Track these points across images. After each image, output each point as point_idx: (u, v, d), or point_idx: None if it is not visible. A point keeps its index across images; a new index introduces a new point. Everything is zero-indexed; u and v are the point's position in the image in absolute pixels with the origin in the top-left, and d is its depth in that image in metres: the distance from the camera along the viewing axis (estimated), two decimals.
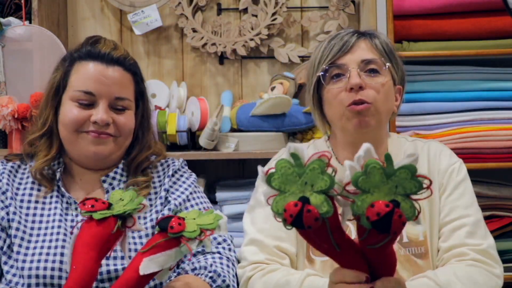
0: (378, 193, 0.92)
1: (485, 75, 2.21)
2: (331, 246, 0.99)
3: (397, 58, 1.46)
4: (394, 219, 0.91)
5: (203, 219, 1.14)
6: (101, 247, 1.12)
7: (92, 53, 1.43)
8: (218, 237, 1.44)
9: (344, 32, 1.45)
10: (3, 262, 1.36)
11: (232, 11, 2.48)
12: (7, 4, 2.24)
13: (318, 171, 0.94)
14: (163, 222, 1.13)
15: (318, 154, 0.95)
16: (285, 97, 2.20)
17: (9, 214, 1.38)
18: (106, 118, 1.39)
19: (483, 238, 1.38)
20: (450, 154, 1.49)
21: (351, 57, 1.40)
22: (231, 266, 1.39)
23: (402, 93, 1.50)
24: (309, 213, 0.92)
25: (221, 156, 2.20)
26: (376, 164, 0.93)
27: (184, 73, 2.51)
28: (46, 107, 1.45)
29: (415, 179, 0.93)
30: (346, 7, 2.41)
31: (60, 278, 1.33)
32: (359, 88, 1.37)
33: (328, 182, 0.93)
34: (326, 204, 0.93)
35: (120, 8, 2.45)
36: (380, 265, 1.03)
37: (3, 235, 1.37)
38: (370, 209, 0.91)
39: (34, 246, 1.36)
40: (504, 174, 2.30)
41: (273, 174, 0.95)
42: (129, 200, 1.15)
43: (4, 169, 1.44)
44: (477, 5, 2.17)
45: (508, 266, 2.17)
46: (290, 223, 0.93)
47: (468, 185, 1.45)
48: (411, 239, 1.38)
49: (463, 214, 1.39)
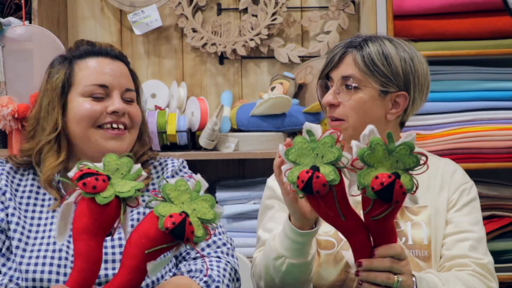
0: (381, 167, 1.07)
1: (485, 75, 2.21)
2: (337, 215, 1.11)
3: (386, 67, 1.44)
4: (396, 189, 1.05)
5: (202, 211, 1.08)
6: (103, 231, 1.08)
7: (94, 50, 1.46)
8: (217, 240, 1.43)
9: (342, 43, 1.50)
10: (1, 264, 1.35)
11: (232, 11, 2.48)
12: (7, 4, 2.25)
13: (329, 145, 1.09)
14: (179, 229, 1.04)
15: (330, 131, 1.11)
16: (285, 97, 2.20)
17: (8, 215, 1.38)
18: (123, 107, 1.41)
19: (484, 254, 1.44)
20: (463, 174, 1.55)
21: (336, 73, 1.48)
22: (229, 271, 1.37)
23: (408, 97, 1.48)
24: (318, 179, 1.07)
25: (221, 156, 2.20)
26: (379, 141, 1.06)
27: (184, 73, 2.51)
28: (53, 110, 1.42)
29: (413, 155, 1.07)
30: (346, 7, 2.41)
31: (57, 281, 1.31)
32: (331, 105, 1.47)
33: (336, 154, 1.08)
34: (334, 173, 1.08)
35: (120, 8, 2.45)
36: (382, 238, 1.15)
37: (3, 237, 1.37)
38: (375, 180, 1.05)
39: (31, 249, 1.35)
40: (504, 174, 2.30)
41: (290, 149, 1.11)
42: (127, 170, 1.09)
43: (3, 170, 1.43)
44: (477, 5, 2.17)
45: (508, 266, 2.18)
46: (302, 189, 1.08)
47: (477, 205, 1.51)
48: (415, 242, 1.42)
49: (468, 229, 1.45)
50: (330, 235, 1.44)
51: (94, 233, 1.06)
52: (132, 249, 1.06)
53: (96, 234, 1.06)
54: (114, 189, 1.06)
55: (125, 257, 1.07)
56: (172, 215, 1.03)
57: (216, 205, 1.09)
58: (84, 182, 1.05)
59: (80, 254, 1.06)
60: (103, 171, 1.08)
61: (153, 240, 1.04)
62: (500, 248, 2.18)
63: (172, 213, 1.04)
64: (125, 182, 1.08)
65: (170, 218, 1.03)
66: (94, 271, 1.07)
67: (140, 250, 1.05)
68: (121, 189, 1.06)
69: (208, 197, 1.09)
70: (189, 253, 1.41)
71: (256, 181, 2.26)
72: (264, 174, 1.67)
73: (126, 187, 1.07)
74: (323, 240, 1.44)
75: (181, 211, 1.05)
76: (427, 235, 1.42)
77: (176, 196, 1.06)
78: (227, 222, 2.21)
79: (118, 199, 1.07)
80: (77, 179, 1.06)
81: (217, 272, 1.34)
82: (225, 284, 1.34)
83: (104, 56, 1.45)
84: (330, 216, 1.13)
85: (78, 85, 1.42)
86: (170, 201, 1.05)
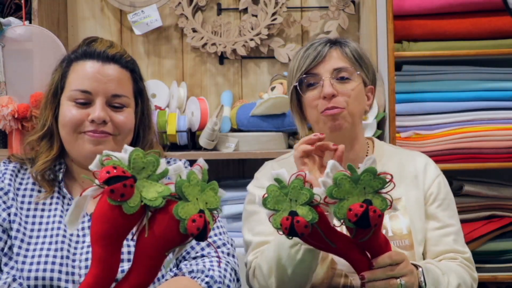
0: (352, 198, 1.13)
1: (485, 75, 2.21)
2: (327, 245, 1.18)
3: (366, 62, 1.57)
4: (371, 215, 1.11)
5: (210, 201, 1.07)
6: (124, 237, 1.05)
7: (88, 52, 1.43)
8: (217, 240, 1.43)
9: (318, 42, 1.56)
10: (4, 264, 1.36)
11: (232, 11, 2.48)
12: (7, 4, 2.25)
13: (298, 188, 1.15)
14: (203, 233, 1.03)
15: (295, 175, 1.17)
16: (285, 97, 2.19)
17: (10, 215, 1.38)
18: (103, 116, 1.38)
19: (464, 246, 1.56)
20: (435, 166, 1.62)
21: (324, 66, 1.52)
22: (229, 271, 1.37)
23: (374, 92, 1.61)
24: (299, 223, 1.13)
25: (221, 156, 2.20)
26: (343, 175, 1.13)
27: (184, 73, 2.51)
28: (45, 109, 1.45)
29: (378, 178, 1.13)
30: (346, 7, 2.41)
31: (59, 280, 1.32)
32: (332, 96, 1.50)
33: (308, 195, 1.14)
34: (311, 213, 1.14)
35: (120, 8, 2.45)
36: (375, 250, 1.22)
37: (4, 236, 1.37)
38: (349, 212, 1.12)
39: (34, 248, 1.36)
40: (504, 174, 2.31)
41: (266, 198, 1.17)
42: (153, 170, 1.04)
43: (6, 170, 1.44)
44: (477, 5, 2.17)
45: (508, 266, 2.18)
46: (288, 234, 1.15)
47: (451, 196, 1.60)
48: (395, 233, 1.49)
49: (449, 223, 1.55)
50: None
51: (115, 239, 1.03)
52: (150, 251, 1.05)
53: (116, 239, 1.04)
54: (140, 194, 1.02)
55: (141, 257, 1.06)
56: (194, 219, 1.02)
57: (219, 190, 1.10)
58: (112, 189, 1.00)
59: (98, 260, 1.03)
60: (128, 168, 1.02)
61: (174, 242, 1.05)
62: (500, 248, 2.18)
63: (194, 217, 1.03)
64: (150, 184, 1.04)
65: (193, 223, 1.02)
66: (110, 277, 1.04)
67: (160, 252, 1.06)
68: (146, 195, 1.02)
69: (213, 184, 1.09)
70: (189, 253, 1.41)
71: None
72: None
73: (152, 193, 1.03)
74: None
75: (198, 209, 1.04)
76: (406, 225, 1.50)
77: (190, 192, 1.04)
78: (227, 222, 2.20)
79: (143, 206, 1.03)
80: (103, 182, 1.00)
81: (218, 272, 1.34)
82: (226, 284, 1.34)
83: (96, 59, 1.42)
84: (322, 247, 1.22)
85: (67, 89, 1.42)
86: (185, 198, 1.04)
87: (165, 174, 1.05)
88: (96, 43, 1.45)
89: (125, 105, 1.43)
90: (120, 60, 1.44)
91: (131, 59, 1.48)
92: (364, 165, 1.14)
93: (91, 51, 1.43)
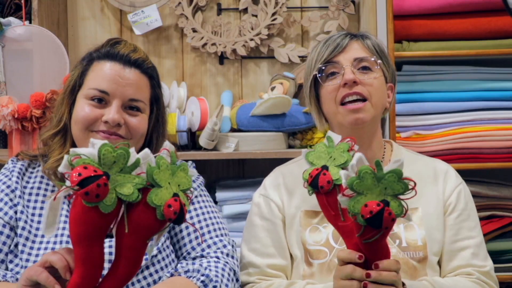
0: (371, 195, 1.10)
1: (485, 75, 2.21)
2: (338, 214, 1.21)
3: (387, 57, 1.53)
4: (385, 216, 1.08)
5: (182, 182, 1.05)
6: (104, 234, 1.04)
7: (111, 53, 1.43)
8: (218, 242, 1.43)
9: (338, 34, 1.53)
10: (9, 261, 1.37)
11: (232, 11, 2.48)
12: (7, 4, 2.25)
13: (341, 150, 1.24)
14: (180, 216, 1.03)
15: (347, 139, 1.25)
16: (285, 97, 2.20)
17: (17, 212, 1.39)
18: (117, 118, 1.38)
19: (485, 259, 1.48)
20: (456, 174, 1.56)
21: (345, 56, 1.49)
22: (227, 271, 1.37)
23: (394, 90, 1.57)
24: (325, 176, 1.21)
25: (221, 156, 2.20)
26: (368, 169, 1.10)
27: (184, 73, 2.51)
28: (62, 105, 1.45)
29: (401, 182, 1.10)
30: (346, 7, 2.41)
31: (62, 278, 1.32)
32: (353, 83, 1.45)
33: (345, 159, 1.22)
34: (338, 175, 1.19)
35: (120, 8, 2.45)
36: (375, 256, 1.18)
37: (12, 234, 1.38)
38: (364, 208, 1.09)
39: (38, 247, 1.36)
40: (504, 174, 2.31)
41: (311, 151, 1.27)
42: (124, 162, 1.02)
43: (14, 167, 1.45)
44: (477, 5, 2.17)
45: (508, 266, 2.18)
46: (310, 183, 1.23)
47: (473, 206, 1.54)
48: (409, 244, 1.43)
49: (468, 235, 1.48)
50: (321, 245, 1.45)
51: (96, 237, 1.02)
52: (131, 241, 1.04)
53: (97, 237, 1.03)
54: (115, 190, 1.01)
55: (123, 250, 1.05)
56: (170, 205, 1.01)
57: (190, 170, 1.07)
58: (87, 191, 0.97)
59: (82, 260, 1.03)
60: (99, 165, 1.00)
61: (152, 230, 1.04)
62: (500, 248, 2.18)
63: (169, 202, 1.01)
64: (124, 177, 1.02)
65: (170, 208, 1.01)
66: (96, 275, 1.04)
67: (142, 242, 1.04)
68: (122, 190, 1.01)
69: (183, 165, 1.06)
70: (189, 253, 1.41)
71: (256, 181, 2.25)
72: (264, 174, 1.67)
73: (127, 187, 1.01)
74: (314, 250, 1.45)
75: (172, 194, 1.03)
76: (421, 236, 1.44)
77: (161, 178, 1.03)
78: (227, 222, 2.20)
79: (120, 200, 1.02)
80: (76, 185, 0.97)
81: (215, 272, 1.34)
82: (224, 284, 1.34)
83: (118, 61, 1.42)
84: (331, 215, 1.23)
85: (85, 86, 1.42)
86: (158, 185, 1.02)
87: (137, 164, 1.03)
88: (120, 45, 1.45)
89: (140, 110, 1.43)
90: (142, 65, 1.44)
91: (152, 66, 1.48)
92: (391, 165, 1.10)
93: (114, 53, 1.43)
